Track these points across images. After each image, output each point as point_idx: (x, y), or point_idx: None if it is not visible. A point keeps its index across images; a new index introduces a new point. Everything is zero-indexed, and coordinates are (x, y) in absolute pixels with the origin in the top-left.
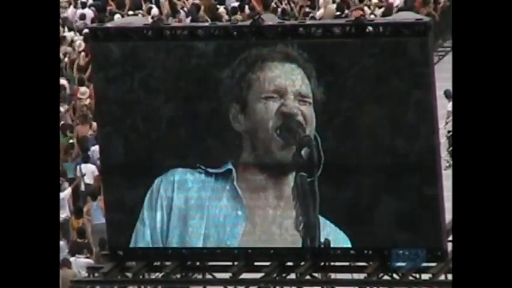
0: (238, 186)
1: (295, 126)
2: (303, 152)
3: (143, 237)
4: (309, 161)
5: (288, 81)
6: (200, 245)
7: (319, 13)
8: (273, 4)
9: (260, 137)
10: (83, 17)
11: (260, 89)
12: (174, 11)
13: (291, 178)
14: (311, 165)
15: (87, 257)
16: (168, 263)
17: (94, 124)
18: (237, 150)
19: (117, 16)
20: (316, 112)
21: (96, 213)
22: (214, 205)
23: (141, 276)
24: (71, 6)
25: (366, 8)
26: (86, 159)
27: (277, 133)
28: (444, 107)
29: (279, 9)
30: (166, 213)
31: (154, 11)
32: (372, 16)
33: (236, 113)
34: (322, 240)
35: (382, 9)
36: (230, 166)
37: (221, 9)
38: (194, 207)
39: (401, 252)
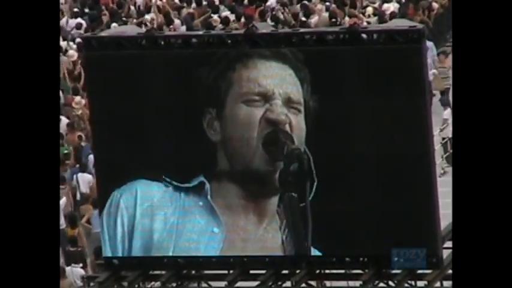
0: (213, 201)
1: (283, 137)
2: (291, 168)
3: (105, 248)
4: (299, 179)
5: (276, 83)
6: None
7: (312, 21)
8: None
9: (239, 149)
10: (79, 26)
11: (241, 90)
12: (169, 21)
13: (275, 199)
14: (302, 184)
15: (82, 267)
16: (163, 272)
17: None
18: (210, 163)
19: (113, 25)
20: (307, 123)
21: (96, 222)
22: (184, 223)
23: (136, 286)
24: (65, 16)
25: (360, 16)
26: (83, 169)
27: (262, 145)
28: (439, 114)
29: (280, 16)
30: (128, 229)
31: (147, 18)
32: (366, 23)
33: (211, 119)
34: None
35: (376, 17)
36: (202, 179)
37: (215, 17)
38: (160, 225)
39: (401, 251)
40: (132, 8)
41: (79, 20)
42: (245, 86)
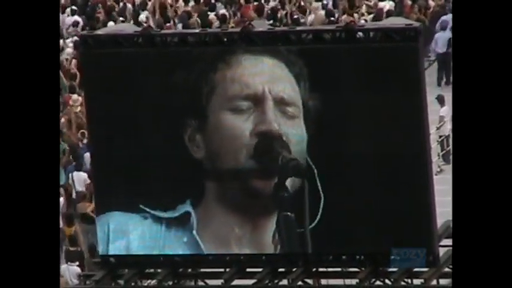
0: (199, 236)
1: (278, 145)
2: (288, 183)
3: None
4: (297, 196)
5: (266, 80)
6: None
7: (309, 19)
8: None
9: (227, 165)
10: (75, 24)
11: (226, 94)
12: (165, 19)
13: (272, 220)
14: (300, 202)
15: (78, 265)
16: (160, 270)
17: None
18: (197, 186)
19: (110, 23)
20: (308, 128)
21: None
22: None
23: (133, 284)
24: (67, 14)
25: (355, 15)
26: (78, 167)
27: (253, 156)
28: (435, 112)
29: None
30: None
31: (143, 17)
32: (362, 21)
33: (193, 131)
34: None
35: (372, 15)
36: (188, 208)
37: (211, 15)
38: None
39: (401, 251)
40: (129, 5)
41: (76, 17)
42: (230, 88)
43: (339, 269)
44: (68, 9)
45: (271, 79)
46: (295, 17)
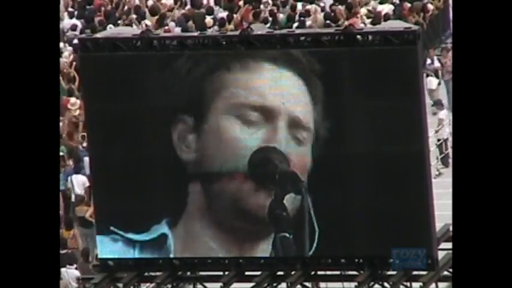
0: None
1: (276, 157)
2: (286, 200)
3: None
4: (296, 215)
5: (284, 96)
6: None
7: (308, 23)
8: (264, 14)
9: (220, 176)
10: (74, 27)
11: (235, 100)
12: (163, 22)
13: (268, 242)
14: (300, 221)
15: (77, 268)
16: (159, 273)
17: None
18: (179, 199)
19: (109, 26)
20: (315, 156)
21: None
22: None
23: (132, 287)
24: (66, 17)
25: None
26: (78, 170)
27: (248, 168)
28: (434, 115)
29: (269, 18)
30: None
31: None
32: (362, 25)
33: (185, 130)
34: None
35: (371, 19)
36: (164, 229)
37: (208, 19)
38: None
39: (401, 252)
40: (127, 8)
41: (74, 21)
42: (242, 94)
43: (338, 272)
44: (66, 13)
45: (288, 96)
46: (302, 18)
